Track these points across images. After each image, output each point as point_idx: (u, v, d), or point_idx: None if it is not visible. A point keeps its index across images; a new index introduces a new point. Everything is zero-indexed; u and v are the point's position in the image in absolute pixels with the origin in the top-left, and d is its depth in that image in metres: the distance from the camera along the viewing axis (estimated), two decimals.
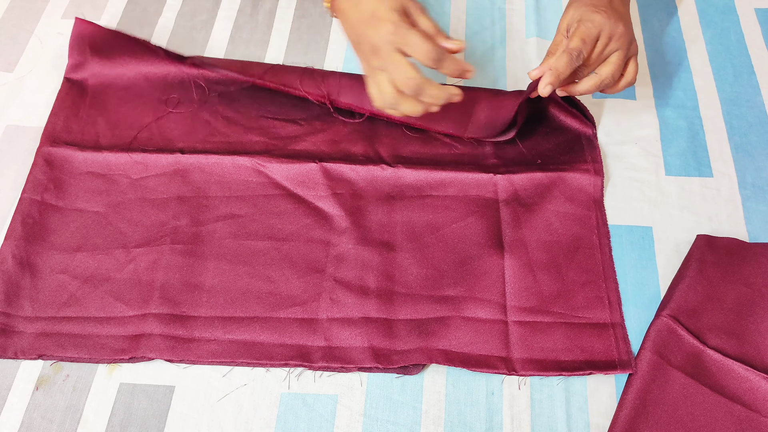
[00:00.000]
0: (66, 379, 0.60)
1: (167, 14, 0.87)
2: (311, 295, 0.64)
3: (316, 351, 0.61)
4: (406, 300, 0.64)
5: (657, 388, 0.58)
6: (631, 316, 0.63)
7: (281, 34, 0.85)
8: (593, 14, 0.64)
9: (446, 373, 0.61)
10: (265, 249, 0.67)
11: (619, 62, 0.66)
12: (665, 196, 0.71)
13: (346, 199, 0.70)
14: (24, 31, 0.85)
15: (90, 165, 0.72)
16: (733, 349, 0.60)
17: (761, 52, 0.82)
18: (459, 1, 0.88)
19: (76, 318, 0.63)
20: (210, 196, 0.70)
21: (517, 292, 0.64)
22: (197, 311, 0.63)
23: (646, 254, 0.67)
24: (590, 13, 0.65)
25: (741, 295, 0.63)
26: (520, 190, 0.70)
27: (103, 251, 0.67)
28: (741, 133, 0.75)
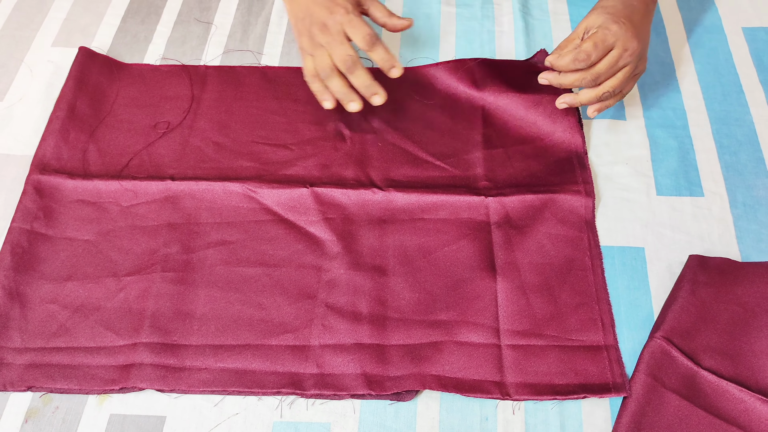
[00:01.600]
0: (55, 411, 0.60)
1: (157, 41, 0.87)
2: (303, 321, 0.64)
3: (308, 378, 0.60)
4: (398, 325, 0.63)
5: (652, 411, 0.58)
6: (624, 338, 0.63)
7: (271, 59, 0.85)
8: (613, 24, 0.66)
9: (440, 398, 0.60)
10: (257, 275, 0.67)
11: (625, 78, 0.67)
12: (657, 216, 0.71)
13: (337, 224, 0.70)
14: (14, 59, 0.85)
15: (80, 193, 0.72)
16: (728, 370, 0.60)
17: (749, 71, 0.83)
18: (449, 24, 0.89)
19: (66, 348, 0.62)
20: (201, 223, 0.70)
21: (510, 316, 0.63)
22: (188, 340, 0.63)
23: (638, 275, 0.67)
24: (610, 22, 0.66)
25: (734, 315, 0.63)
26: (512, 213, 0.70)
27: (93, 280, 0.66)
28: (731, 151, 0.76)
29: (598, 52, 0.65)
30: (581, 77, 0.67)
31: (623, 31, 0.66)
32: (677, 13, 0.89)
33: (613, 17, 0.67)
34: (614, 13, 0.67)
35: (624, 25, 0.66)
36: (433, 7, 0.91)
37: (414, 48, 0.86)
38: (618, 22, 0.66)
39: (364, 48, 0.68)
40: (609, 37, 0.66)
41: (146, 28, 0.89)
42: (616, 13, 0.68)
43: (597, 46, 0.65)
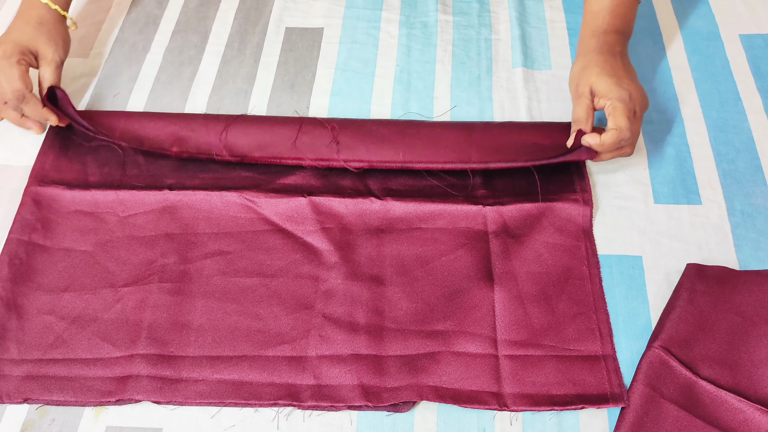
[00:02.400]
0: (52, 423, 0.60)
1: (155, 50, 0.88)
2: (300, 332, 0.64)
3: (305, 390, 0.60)
4: (395, 335, 0.63)
5: (650, 422, 0.58)
6: (622, 347, 0.63)
7: (268, 67, 0.86)
8: (620, 90, 0.68)
9: (437, 409, 0.60)
10: (254, 286, 0.67)
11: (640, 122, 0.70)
12: (654, 224, 0.70)
13: (335, 234, 0.70)
14: None
15: (78, 203, 0.72)
16: (726, 379, 0.60)
17: (746, 78, 0.83)
18: (445, 33, 0.89)
19: (63, 360, 0.62)
20: (198, 233, 0.70)
21: (508, 326, 0.63)
22: (185, 351, 0.63)
23: (636, 284, 0.67)
24: (616, 87, 0.68)
25: (733, 324, 0.63)
26: (509, 221, 0.70)
27: (90, 291, 0.66)
28: (728, 159, 0.75)
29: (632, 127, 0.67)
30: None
31: (633, 89, 0.69)
32: (674, 21, 0.89)
33: (615, 79, 0.69)
34: (613, 74, 0.69)
35: (626, 81, 0.69)
36: (430, 15, 0.91)
37: (410, 58, 0.86)
38: (620, 84, 0.68)
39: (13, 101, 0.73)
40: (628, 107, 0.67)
41: (144, 37, 0.89)
42: (615, 71, 0.70)
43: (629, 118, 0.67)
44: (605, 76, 0.69)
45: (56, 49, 0.76)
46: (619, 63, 0.71)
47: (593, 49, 0.73)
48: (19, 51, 0.74)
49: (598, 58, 0.71)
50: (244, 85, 0.84)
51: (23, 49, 0.74)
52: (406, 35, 0.89)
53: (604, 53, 0.72)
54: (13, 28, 0.76)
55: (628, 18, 0.76)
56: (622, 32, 0.75)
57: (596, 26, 0.75)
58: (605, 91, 0.68)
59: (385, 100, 0.82)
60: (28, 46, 0.75)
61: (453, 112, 0.81)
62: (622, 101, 0.67)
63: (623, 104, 0.67)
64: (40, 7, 0.77)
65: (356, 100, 0.82)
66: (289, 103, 0.82)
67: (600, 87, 0.69)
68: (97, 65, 0.86)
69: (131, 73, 0.85)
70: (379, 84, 0.84)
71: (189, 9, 0.93)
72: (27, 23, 0.76)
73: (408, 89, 0.83)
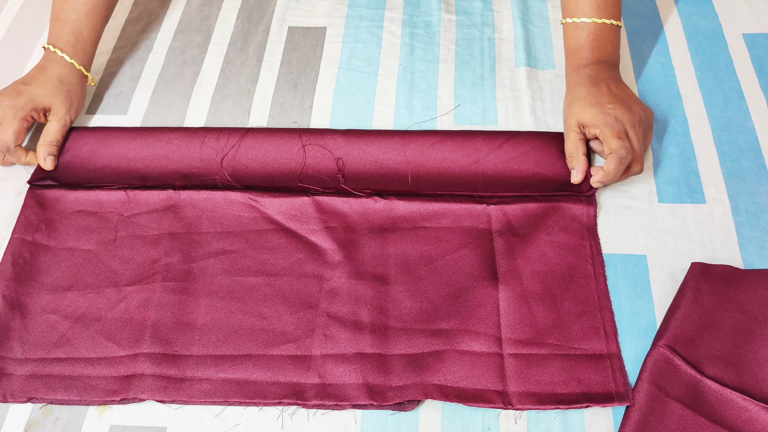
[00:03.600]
0: (56, 423, 0.59)
1: (158, 49, 0.88)
2: (304, 331, 0.63)
3: (309, 388, 0.60)
4: (400, 334, 0.63)
5: (655, 420, 0.58)
6: (627, 346, 0.63)
7: (272, 67, 0.86)
8: (605, 116, 0.69)
9: (442, 408, 0.60)
10: (258, 285, 0.67)
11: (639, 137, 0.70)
12: (659, 223, 0.70)
13: (339, 233, 0.69)
14: (14, 70, 0.86)
15: (81, 203, 0.72)
16: (731, 378, 0.59)
17: (750, 77, 0.83)
18: (448, 32, 0.89)
19: (67, 359, 0.62)
20: (202, 232, 0.70)
21: (512, 324, 0.63)
22: (189, 350, 0.62)
23: (640, 283, 0.66)
24: (601, 115, 0.69)
25: (738, 322, 0.63)
26: (514, 221, 0.70)
27: (94, 290, 0.66)
28: (732, 158, 0.75)
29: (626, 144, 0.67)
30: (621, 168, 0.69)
31: (620, 111, 0.69)
32: (677, 20, 0.89)
33: (599, 107, 0.70)
34: (597, 101, 0.70)
35: (613, 108, 0.69)
36: (433, 14, 0.91)
37: (413, 57, 0.86)
38: (605, 111, 0.69)
39: None
40: (615, 129, 0.68)
41: (147, 36, 0.89)
42: (599, 99, 0.71)
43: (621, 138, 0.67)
44: (588, 106, 0.70)
45: (69, 110, 0.76)
46: (603, 90, 0.72)
47: (576, 83, 0.74)
48: (31, 107, 0.74)
49: (581, 91, 0.73)
50: (247, 84, 0.84)
51: (36, 106, 0.74)
52: (409, 34, 0.89)
53: (587, 85, 0.73)
54: (35, 81, 0.75)
55: (608, 48, 0.76)
56: (605, 61, 0.75)
57: (576, 62, 0.76)
58: (591, 121, 0.70)
59: (389, 99, 0.82)
60: (43, 103, 0.75)
61: (456, 112, 0.81)
62: (608, 126, 0.68)
63: (609, 128, 0.68)
64: (65, 66, 0.77)
65: (359, 99, 0.82)
66: (292, 102, 0.82)
67: (586, 119, 0.70)
68: (100, 64, 0.86)
69: (134, 73, 0.85)
70: (382, 83, 0.84)
71: (192, 8, 0.93)
72: (49, 80, 0.75)
73: (411, 88, 0.83)
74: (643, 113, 0.71)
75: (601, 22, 0.75)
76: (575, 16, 0.76)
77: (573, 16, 0.76)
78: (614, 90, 0.72)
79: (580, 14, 0.75)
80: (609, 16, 0.75)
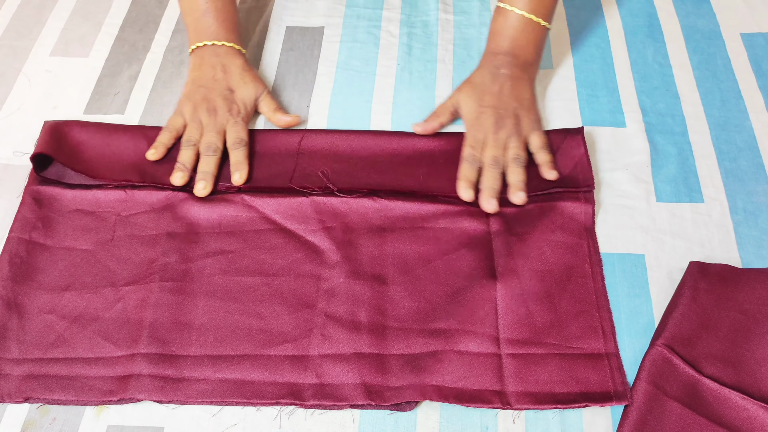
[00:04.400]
0: (53, 423, 0.59)
1: (155, 50, 0.88)
2: (302, 331, 0.63)
3: (307, 389, 0.60)
4: (398, 334, 0.63)
5: (653, 420, 0.57)
6: (625, 345, 0.63)
7: (269, 66, 0.85)
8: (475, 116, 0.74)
9: (439, 408, 0.60)
10: (255, 285, 0.66)
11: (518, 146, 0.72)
12: (656, 222, 0.70)
13: (337, 233, 0.69)
14: (12, 69, 0.86)
15: (79, 203, 0.72)
16: (730, 377, 0.59)
17: (748, 77, 0.83)
18: (446, 32, 0.89)
19: (64, 359, 0.62)
20: (199, 232, 0.70)
21: (510, 324, 0.63)
22: (187, 350, 0.62)
23: (638, 282, 0.66)
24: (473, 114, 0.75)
25: (736, 322, 0.63)
26: (512, 221, 0.70)
27: (91, 290, 0.66)
28: (730, 157, 0.75)
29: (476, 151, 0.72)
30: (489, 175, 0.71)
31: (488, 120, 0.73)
32: (675, 20, 0.89)
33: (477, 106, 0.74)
34: (481, 99, 0.75)
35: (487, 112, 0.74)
36: (431, 14, 0.91)
37: (411, 57, 0.86)
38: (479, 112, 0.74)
39: (228, 146, 0.74)
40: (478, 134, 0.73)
41: (144, 36, 0.89)
42: (483, 98, 0.75)
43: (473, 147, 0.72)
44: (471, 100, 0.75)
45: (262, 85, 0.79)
46: (495, 88, 0.75)
47: (481, 66, 0.78)
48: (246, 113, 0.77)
49: (478, 78, 0.77)
50: None
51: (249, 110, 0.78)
52: (407, 34, 0.89)
53: (486, 75, 0.77)
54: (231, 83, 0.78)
55: (523, 42, 0.78)
56: (517, 56, 0.78)
57: (492, 46, 0.79)
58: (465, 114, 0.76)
59: (386, 99, 0.82)
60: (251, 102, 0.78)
61: None
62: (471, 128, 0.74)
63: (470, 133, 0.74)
64: (237, 54, 0.80)
65: (357, 98, 0.82)
66: (290, 102, 0.82)
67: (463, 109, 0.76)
68: (98, 64, 0.86)
69: (131, 73, 0.85)
70: (380, 83, 0.84)
71: None
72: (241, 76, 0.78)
73: (409, 88, 0.83)
74: (514, 125, 0.73)
75: (528, 17, 0.77)
76: (507, 3, 0.78)
77: (506, 2, 0.78)
78: (506, 90, 0.75)
79: (511, 2, 0.78)
80: (537, 14, 0.77)
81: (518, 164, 0.71)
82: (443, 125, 0.77)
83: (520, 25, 0.77)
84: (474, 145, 0.72)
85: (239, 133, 0.75)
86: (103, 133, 0.77)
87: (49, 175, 0.73)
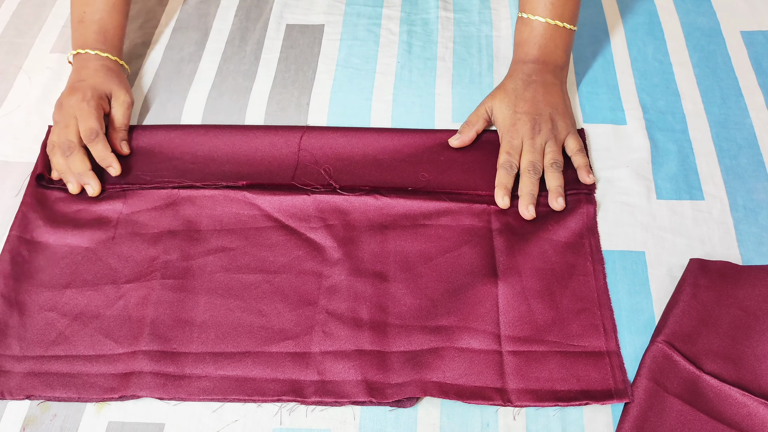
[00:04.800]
0: (53, 419, 0.59)
1: (155, 47, 0.87)
2: (303, 328, 0.63)
3: (309, 386, 0.60)
4: (399, 331, 0.63)
5: (654, 416, 0.58)
6: (625, 342, 0.63)
7: (269, 64, 0.85)
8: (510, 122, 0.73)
9: (440, 404, 0.60)
10: (257, 282, 0.66)
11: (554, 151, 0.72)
12: (657, 220, 0.70)
13: (338, 230, 0.69)
14: (12, 67, 0.86)
15: (80, 201, 0.72)
16: (730, 374, 0.59)
17: (748, 74, 0.83)
18: (446, 30, 0.89)
19: (65, 356, 0.62)
20: (201, 230, 0.70)
21: (512, 322, 0.63)
22: (188, 347, 0.62)
23: (639, 279, 0.67)
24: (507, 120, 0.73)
25: (736, 318, 0.63)
26: (513, 219, 0.70)
27: (92, 287, 0.66)
28: (731, 155, 0.75)
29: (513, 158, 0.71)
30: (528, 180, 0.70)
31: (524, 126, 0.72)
32: (675, 18, 0.89)
33: (512, 113, 0.73)
34: (515, 105, 0.74)
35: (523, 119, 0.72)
36: (431, 12, 0.91)
37: (411, 55, 0.86)
38: (514, 119, 0.73)
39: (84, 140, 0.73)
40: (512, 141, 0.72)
41: (144, 33, 0.89)
42: (518, 104, 0.74)
43: (510, 154, 0.71)
44: (505, 106, 0.74)
45: (127, 92, 0.78)
46: (528, 94, 0.74)
47: (512, 74, 0.77)
48: (97, 96, 0.75)
49: (510, 85, 0.76)
50: (244, 82, 0.84)
51: (101, 94, 0.76)
52: (407, 32, 0.89)
53: (518, 81, 0.75)
54: (85, 76, 0.77)
55: (551, 48, 0.77)
56: (547, 62, 0.77)
57: (520, 56, 0.79)
58: (499, 120, 0.74)
59: (386, 97, 0.82)
60: (104, 90, 0.76)
61: (455, 110, 0.81)
62: (506, 135, 0.73)
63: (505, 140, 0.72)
64: (102, 59, 0.79)
65: (357, 96, 0.82)
66: (290, 99, 0.82)
67: (497, 114, 0.75)
68: None
69: (131, 71, 0.85)
70: (380, 81, 0.84)
71: (189, 6, 0.92)
72: (96, 71, 0.77)
73: (409, 86, 0.83)
74: (551, 129, 0.72)
75: (554, 23, 0.76)
76: (529, 13, 0.77)
77: (527, 12, 0.78)
78: (539, 96, 0.74)
79: (533, 11, 0.77)
80: (562, 19, 0.77)
81: (556, 169, 0.71)
82: (479, 133, 0.76)
83: (546, 33, 0.77)
84: (511, 151, 0.71)
85: (88, 122, 0.73)
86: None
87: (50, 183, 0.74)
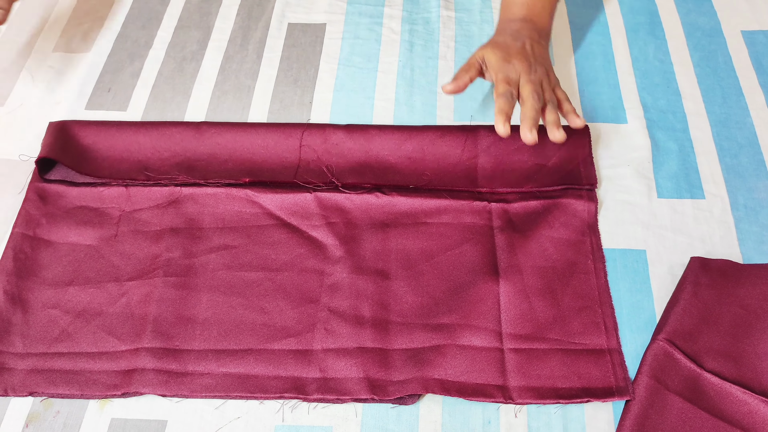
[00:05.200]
0: (56, 416, 0.60)
1: (157, 46, 0.88)
2: (305, 325, 0.64)
3: (311, 383, 0.60)
4: (401, 329, 0.63)
5: (655, 414, 0.58)
6: (626, 340, 0.63)
7: (271, 63, 0.86)
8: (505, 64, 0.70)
9: (442, 402, 0.60)
10: (259, 280, 0.67)
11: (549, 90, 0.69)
12: (658, 218, 0.71)
13: (340, 228, 0.70)
14: (15, 65, 0.86)
15: (83, 199, 0.72)
16: (731, 371, 0.60)
17: (749, 74, 0.83)
18: (448, 29, 0.89)
19: (68, 354, 0.62)
20: (203, 228, 0.70)
21: (513, 319, 0.63)
22: (190, 344, 0.63)
23: (640, 278, 0.67)
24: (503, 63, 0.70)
25: (737, 316, 0.63)
26: (515, 217, 0.70)
27: (95, 285, 0.66)
28: (731, 154, 0.76)
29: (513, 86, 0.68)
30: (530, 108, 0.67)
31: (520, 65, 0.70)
32: (676, 17, 0.89)
33: (505, 58, 0.70)
34: (508, 53, 0.71)
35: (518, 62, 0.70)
36: (433, 11, 0.91)
37: (413, 53, 0.86)
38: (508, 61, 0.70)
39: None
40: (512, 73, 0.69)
41: (147, 33, 0.89)
42: (510, 52, 0.71)
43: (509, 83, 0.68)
44: (498, 51, 0.71)
45: None
46: (518, 45, 0.72)
47: (500, 32, 0.76)
48: None
49: (500, 38, 0.74)
50: (246, 80, 0.84)
51: None
52: (409, 31, 0.89)
53: (507, 36, 0.74)
54: None
55: (538, 10, 0.77)
56: (533, 21, 0.76)
57: (507, 15, 0.78)
58: (494, 65, 0.70)
59: (388, 96, 0.82)
60: None
61: (456, 107, 0.81)
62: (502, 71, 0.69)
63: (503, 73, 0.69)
64: None
65: (359, 95, 0.82)
66: (292, 98, 0.82)
67: (491, 61, 0.71)
68: (100, 60, 0.86)
69: (134, 69, 0.85)
70: (382, 79, 0.84)
71: (191, 5, 0.93)
72: None
73: (411, 85, 0.83)
74: (544, 72, 0.71)
75: None
76: None
77: None
78: (528, 48, 0.72)
79: None
80: None
81: (553, 106, 0.68)
82: (473, 80, 0.72)
83: None
84: (509, 81, 0.68)
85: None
86: (106, 132, 0.76)
87: (53, 176, 0.74)
